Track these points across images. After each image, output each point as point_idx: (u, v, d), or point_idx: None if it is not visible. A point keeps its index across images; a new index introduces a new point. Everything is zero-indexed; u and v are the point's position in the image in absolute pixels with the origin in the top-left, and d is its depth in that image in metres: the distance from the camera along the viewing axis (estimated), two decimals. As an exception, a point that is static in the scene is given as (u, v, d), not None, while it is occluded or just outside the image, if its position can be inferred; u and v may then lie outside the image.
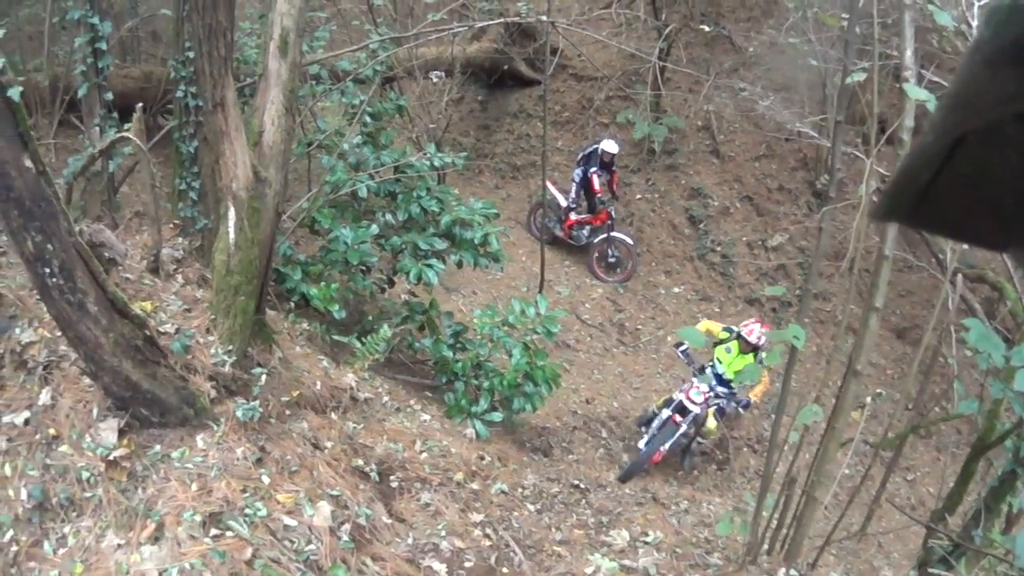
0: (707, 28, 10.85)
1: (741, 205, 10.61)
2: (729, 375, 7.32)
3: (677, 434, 7.06)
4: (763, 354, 6.98)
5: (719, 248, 10.33)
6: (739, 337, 7.31)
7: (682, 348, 7.34)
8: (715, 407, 7.30)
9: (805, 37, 8.72)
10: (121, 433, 3.24)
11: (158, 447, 3.34)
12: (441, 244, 6.45)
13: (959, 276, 5.06)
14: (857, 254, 3.23)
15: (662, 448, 6.93)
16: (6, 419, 3.16)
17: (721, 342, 7.42)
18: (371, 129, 7.01)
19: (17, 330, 3.46)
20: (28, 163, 2.64)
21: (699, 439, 7.52)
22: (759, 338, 7.19)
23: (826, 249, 3.46)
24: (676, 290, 10.17)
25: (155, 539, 2.94)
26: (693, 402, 7.15)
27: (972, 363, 4.59)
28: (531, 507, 5.02)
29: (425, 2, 7.57)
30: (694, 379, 7.29)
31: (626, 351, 9.15)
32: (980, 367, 3.36)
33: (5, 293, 3.58)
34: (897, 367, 9.00)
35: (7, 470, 2.99)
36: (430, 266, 6.25)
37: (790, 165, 10.62)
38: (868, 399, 6.49)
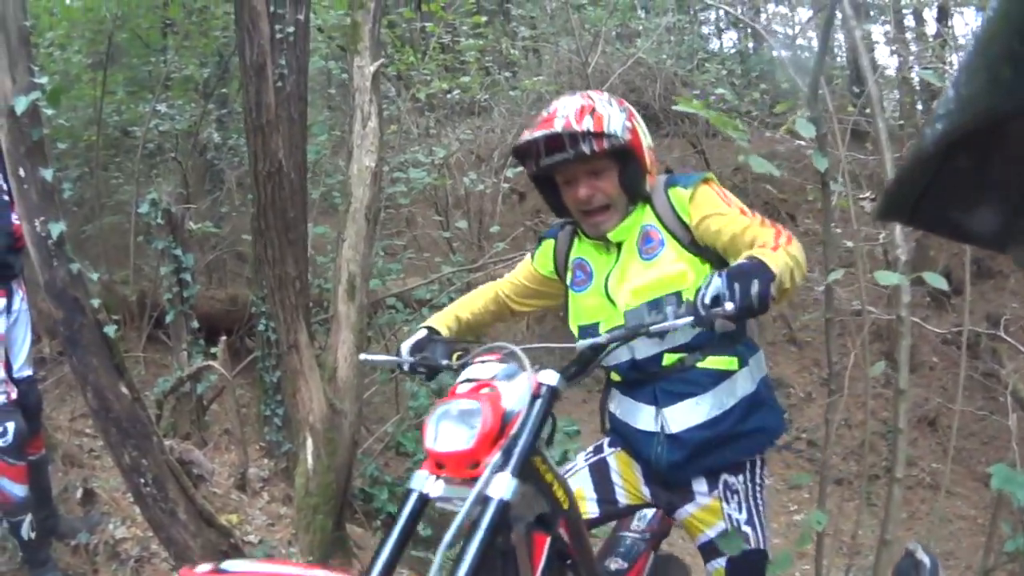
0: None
1: (822, 389, 10.56)
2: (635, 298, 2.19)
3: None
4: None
5: (804, 435, 10.20)
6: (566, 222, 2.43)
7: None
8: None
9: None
10: (207, 627, 3.55)
11: (242, 643, 3.62)
12: (521, 464, 6.60)
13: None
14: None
15: None
16: (99, 599, 3.57)
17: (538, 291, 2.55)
18: (450, 356, 7.44)
19: (110, 526, 3.92)
20: (124, 390, 3.21)
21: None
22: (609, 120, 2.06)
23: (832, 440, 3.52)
24: (766, 483, 9.93)
25: None
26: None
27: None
28: None
29: (491, 231, 8.27)
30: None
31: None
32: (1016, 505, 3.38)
33: (100, 493, 4.10)
34: (987, 515, 8.50)
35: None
36: (511, 487, 6.39)
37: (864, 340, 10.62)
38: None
